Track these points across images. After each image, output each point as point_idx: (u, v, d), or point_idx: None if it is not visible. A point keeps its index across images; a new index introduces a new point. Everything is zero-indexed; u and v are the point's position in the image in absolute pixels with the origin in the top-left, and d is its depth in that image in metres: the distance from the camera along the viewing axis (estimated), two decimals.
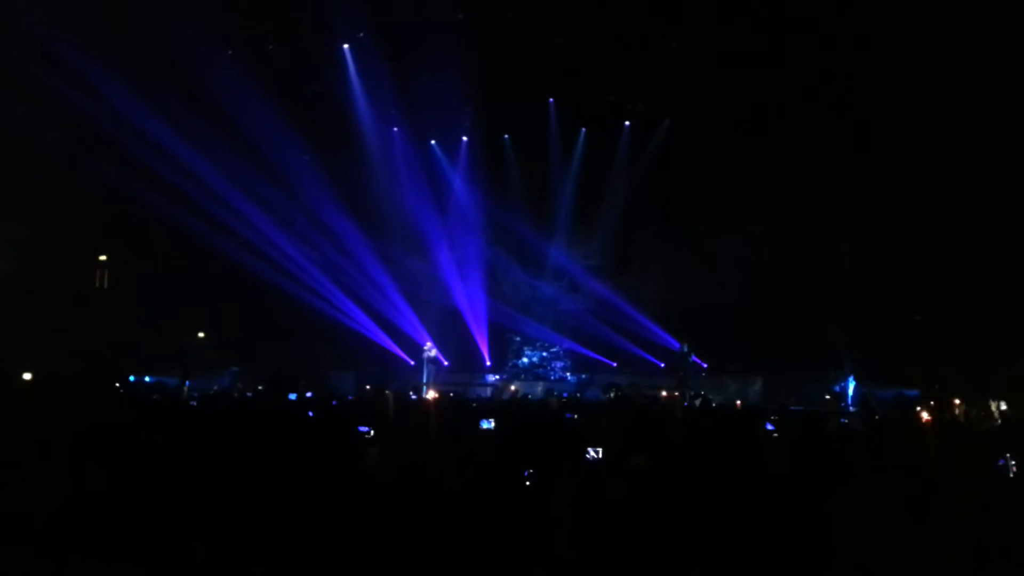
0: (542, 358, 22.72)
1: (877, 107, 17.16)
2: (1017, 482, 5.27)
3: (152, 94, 17.07)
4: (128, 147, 17.20)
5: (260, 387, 14.95)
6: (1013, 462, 5.39)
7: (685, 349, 19.46)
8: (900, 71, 16.08)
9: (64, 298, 17.71)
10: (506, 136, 22.17)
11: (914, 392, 14.82)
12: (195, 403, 9.50)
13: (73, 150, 16.16)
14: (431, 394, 12.97)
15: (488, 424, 7.04)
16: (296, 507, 4.57)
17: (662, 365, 21.39)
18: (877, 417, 10.54)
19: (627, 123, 21.49)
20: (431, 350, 20.86)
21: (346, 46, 19.06)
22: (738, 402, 17.25)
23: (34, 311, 16.39)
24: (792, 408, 14.68)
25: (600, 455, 5.32)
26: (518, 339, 22.98)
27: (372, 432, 6.10)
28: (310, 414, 7.09)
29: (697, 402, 10.30)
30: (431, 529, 4.38)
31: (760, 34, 16.77)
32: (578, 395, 18.81)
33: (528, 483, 4.86)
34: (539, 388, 19.32)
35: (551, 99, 21.12)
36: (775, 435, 7.03)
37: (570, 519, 4.50)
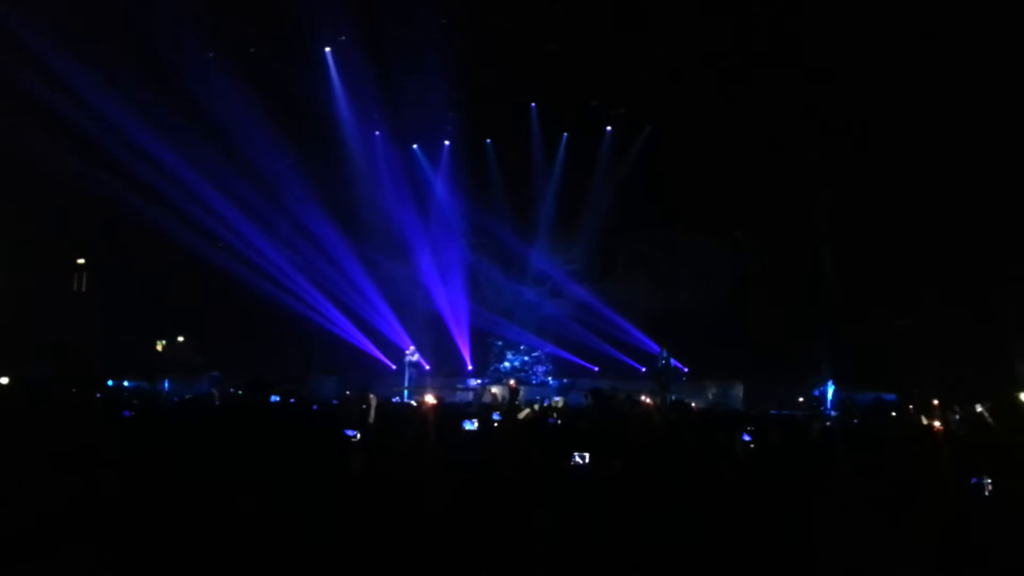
0: (524, 362, 22.72)
1: (859, 114, 17.33)
2: (992, 499, 5.23)
3: (132, 97, 16.93)
4: (108, 150, 17.03)
5: (237, 391, 14.82)
6: (988, 480, 5.31)
7: (665, 354, 19.54)
8: (884, 78, 16.25)
9: (42, 302, 17.51)
10: (488, 141, 22.19)
11: (892, 396, 14.95)
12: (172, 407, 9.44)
13: (51, 153, 15.98)
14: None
15: (471, 425, 7.04)
16: (279, 514, 4.54)
17: (643, 370, 21.46)
18: (856, 421, 10.63)
19: (608, 128, 21.60)
20: (413, 354, 20.80)
21: (328, 49, 19.02)
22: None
23: (11, 315, 16.19)
24: (772, 412, 14.77)
25: (587, 460, 5.32)
26: (500, 343, 22.97)
27: (359, 436, 6.08)
28: (291, 418, 7.05)
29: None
30: (419, 535, 4.37)
31: (742, 40, 16.90)
32: (557, 399, 18.79)
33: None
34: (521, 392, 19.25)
35: (533, 104, 21.19)
36: (752, 446, 7.04)
37: (557, 528, 4.51)
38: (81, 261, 19.82)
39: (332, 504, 4.65)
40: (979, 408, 10.43)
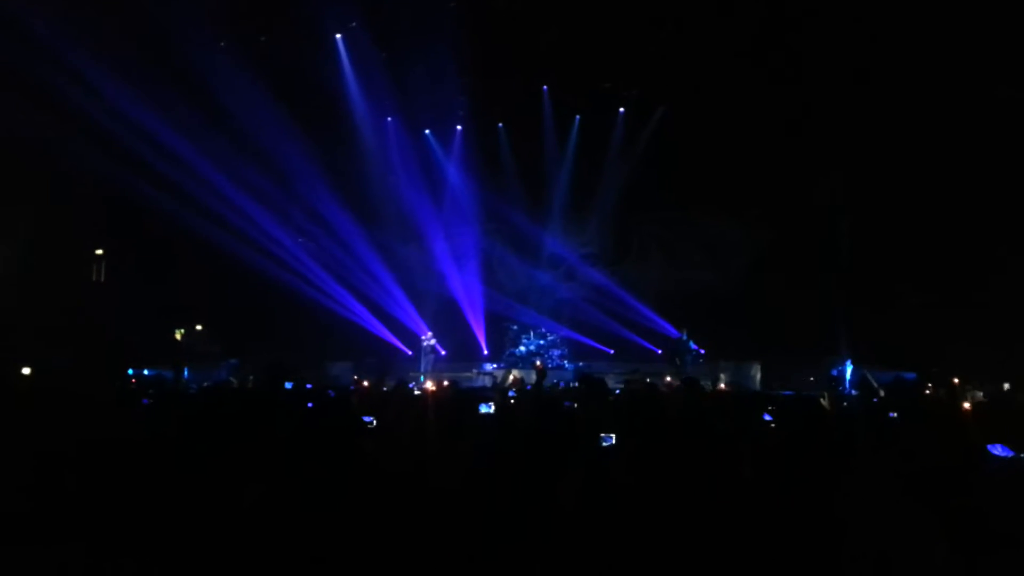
0: (539, 346, 22.72)
1: (875, 90, 17.13)
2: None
3: (145, 86, 16.98)
4: (123, 140, 17.10)
5: (253, 377, 14.92)
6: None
7: (684, 337, 19.47)
8: (898, 56, 16.03)
9: (61, 292, 17.65)
10: (500, 124, 22.11)
11: (912, 375, 14.85)
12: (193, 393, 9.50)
13: (68, 144, 16.05)
14: (429, 385, 12.89)
15: (487, 408, 7.03)
16: (296, 500, 4.56)
17: (659, 352, 21.43)
18: (876, 400, 10.56)
19: (621, 110, 21.48)
20: (430, 340, 20.89)
21: (339, 36, 18.98)
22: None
23: (31, 305, 16.33)
24: (790, 393, 14.71)
25: (614, 441, 5.29)
26: (515, 327, 22.97)
27: (376, 422, 6.09)
28: (309, 405, 7.07)
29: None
30: (435, 519, 4.37)
31: (754, 18, 16.73)
32: (574, 384, 18.79)
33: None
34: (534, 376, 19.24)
35: (545, 87, 21.08)
36: (772, 426, 7.01)
37: (579, 509, 4.49)
38: (99, 252, 19.95)
39: (346, 488, 4.65)
40: (1007, 386, 10.35)
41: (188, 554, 4.16)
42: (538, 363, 18.43)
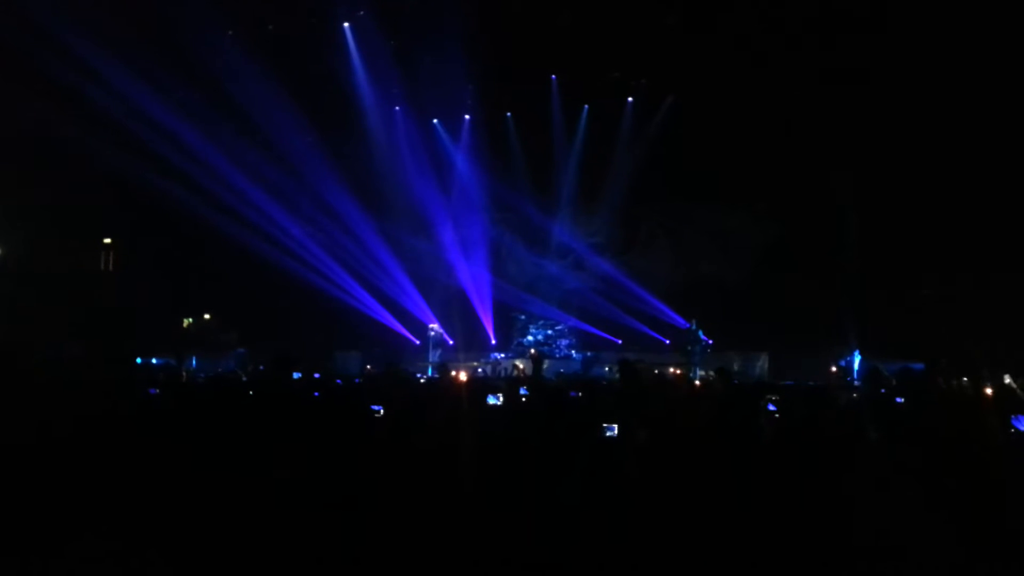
0: (547, 336, 22.72)
1: (884, 82, 17.00)
2: None
3: (154, 75, 17.00)
4: (131, 129, 17.15)
5: (261, 367, 14.94)
6: None
7: (694, 327, 19.43)
8: (908, 46, 15.90)
9: (70, 281, 17.74)
10: (509, 114, 22.05)
11: (919, 366, 14.75)
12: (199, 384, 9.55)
13: (77, 132, 16.11)
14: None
15: (495, 400, 7.03)
16: (306, 488, 4.57)
17: (667, 342, 21.41)
18: (884, 391, 10.50)
19: (629, 99, 21.38)
20: (438, 330, 20.92)
21: (346, 25, 18.95)
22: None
23: (40, 294, 16.42)
24: (797, 384, 14.66)
25: (616, 432, 5.29)
26: (523, 317, 22.97)
27: (383, 411, 6.10)
28: (315, 394, 7.08)
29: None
30: (440, 508, 4.39)
31: (763, 9, 16.62)
32: (582, 372, 18.83)
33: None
34: (545, 365, 19.26)
35: (553, 76, 20.99)
36: (777, 416, 7.00)
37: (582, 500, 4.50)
38: (108, 241, 20.03)
39: (355, 476, 4.67)
40: (1007, 380, 10.28)
41: (196, 545, 4.18)
42: (532, 351, 18.44)
